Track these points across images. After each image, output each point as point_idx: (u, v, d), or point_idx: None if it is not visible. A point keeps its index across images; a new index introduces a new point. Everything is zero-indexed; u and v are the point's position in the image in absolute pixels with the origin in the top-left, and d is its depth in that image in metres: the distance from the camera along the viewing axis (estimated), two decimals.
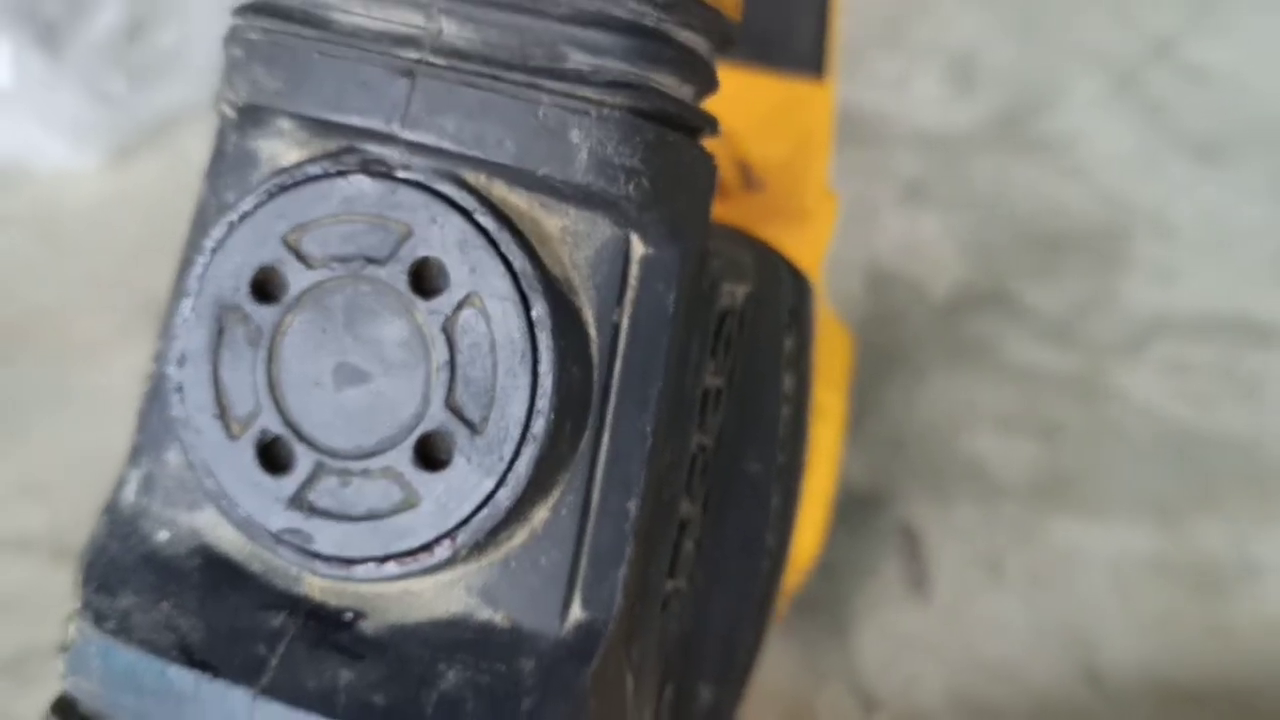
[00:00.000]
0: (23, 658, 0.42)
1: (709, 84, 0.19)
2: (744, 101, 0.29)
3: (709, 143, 0.19)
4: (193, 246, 0.19)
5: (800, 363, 0.24)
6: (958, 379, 0.50)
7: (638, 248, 0.18)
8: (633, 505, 0.18)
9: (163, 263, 0.53)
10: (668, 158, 0.17)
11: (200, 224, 0.19)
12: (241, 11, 0.19)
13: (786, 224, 0.32)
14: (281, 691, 0.17)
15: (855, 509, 0.45)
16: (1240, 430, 0.48)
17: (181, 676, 0.17)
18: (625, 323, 0.18)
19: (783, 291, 0.24)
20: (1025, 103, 0.61)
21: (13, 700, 0.41)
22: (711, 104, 0.20)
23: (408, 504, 0.17)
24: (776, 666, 0.41)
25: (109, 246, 0.55)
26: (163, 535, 0.18)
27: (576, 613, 0.18)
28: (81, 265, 0.54)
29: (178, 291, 0.19)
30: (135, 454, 0.19)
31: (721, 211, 0.21)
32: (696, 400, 0.20)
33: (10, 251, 0.54)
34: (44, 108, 0.54)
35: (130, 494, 0.19)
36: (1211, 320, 0.52)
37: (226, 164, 0.19)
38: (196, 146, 0.57)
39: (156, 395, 0.19)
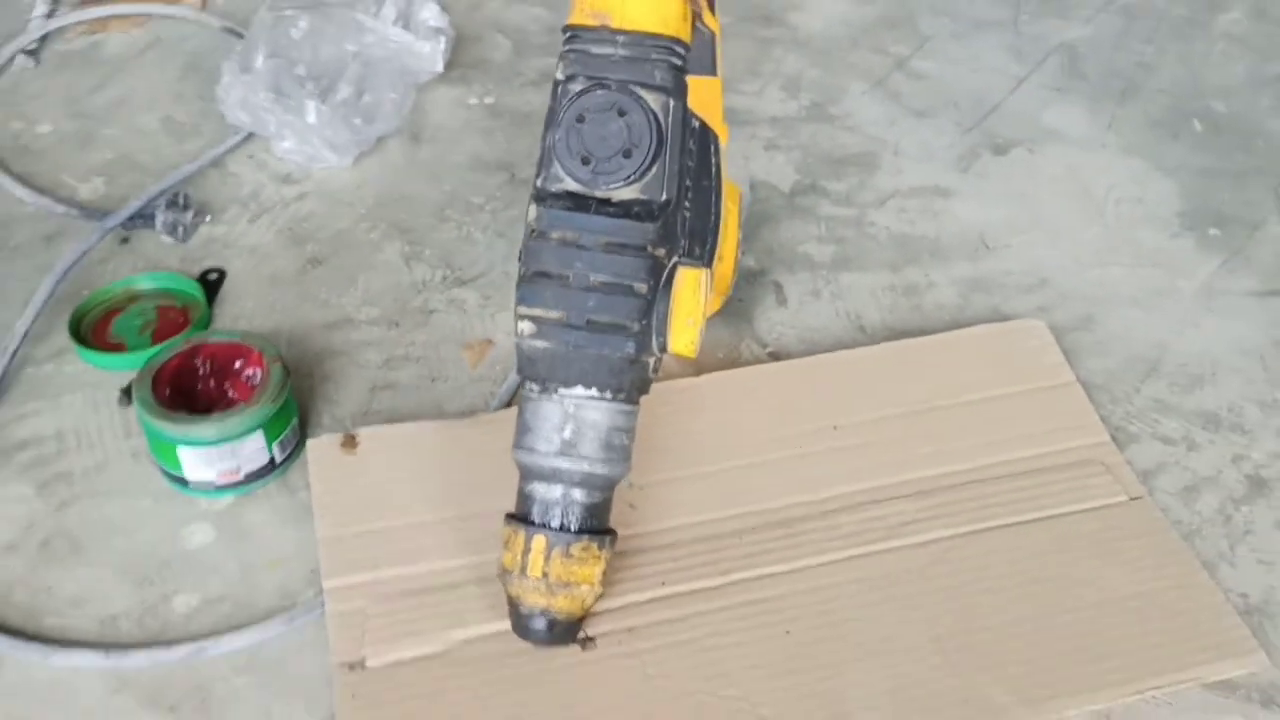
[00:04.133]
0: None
1: (688, 67, 0.70)
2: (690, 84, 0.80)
3: None
4: (552, 115, 0.70)
5: (717, 156, 0.77)
6: (796, 224, 1.02)
7: (671, 101, 0.68)
8: (677, 165, 0.69)
9: (390, 209, 1.07)
10: (678, 78, 0.69)
11: (552, 110, 0.69)
12: (564, 46, 0.69)
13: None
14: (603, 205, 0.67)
15: (752, 276, 0.97)
16: (930, 234, 1.01)
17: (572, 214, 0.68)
18: (670, 121, 0.68)
19: (710, 134, 0.76)
20: (825, 99, 1.15)
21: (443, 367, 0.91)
22: None
23: (620, 168, 0.68)
24: (719, 335, 0.93)
25: (359, 203, 1.05)
26: (554, 187, 0.68)
27: (664, 196, 0.68)
28: (350, 212, 1.04)
29: (550, 125, 0.70)
30: (537, 174, 0.69)
31: None
32: (688, 148, 0.71)
33: (314, 208, 1.04)
34: (323, 134, 1.05)
35: (540, 183, 0.69)
36: (920, 189, 1.05)
37: (558, 93, 0.70)
38: (394, 151, 1.12)
39: (542, 159, 0.69)
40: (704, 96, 0.83)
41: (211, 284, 0.96)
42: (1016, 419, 0.84)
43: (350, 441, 0.81)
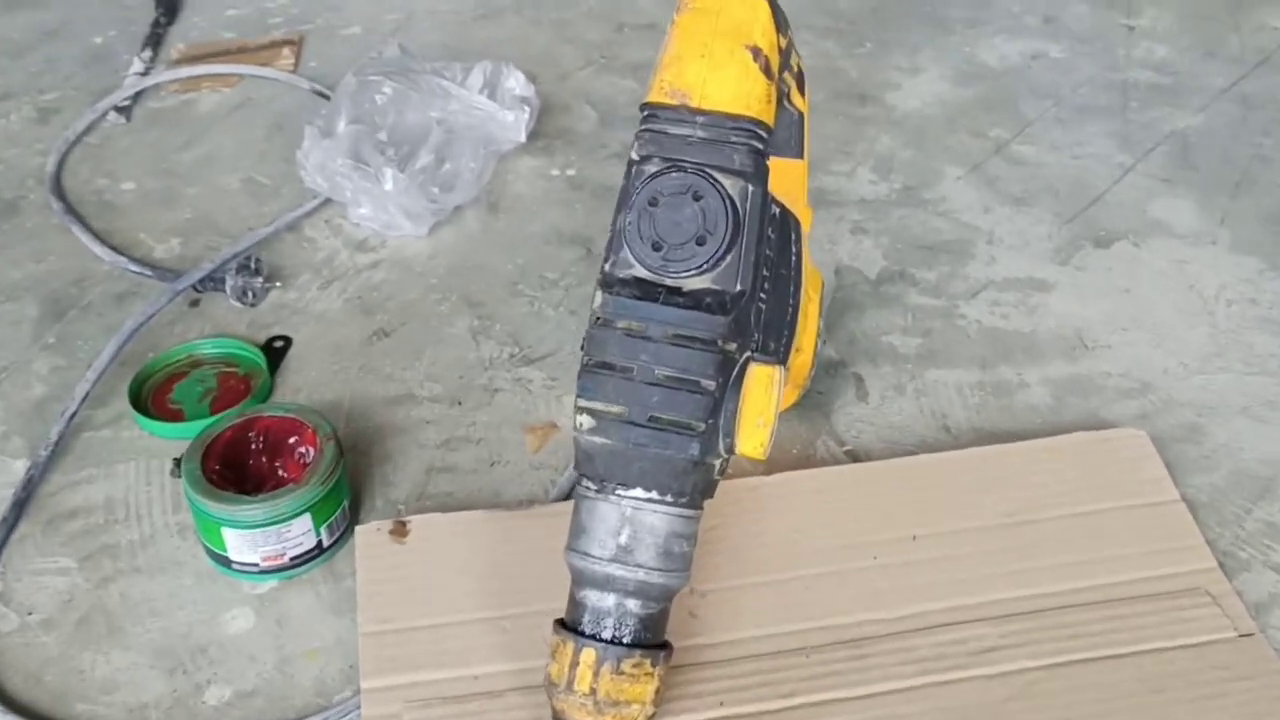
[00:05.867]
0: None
1: (769, 149, 0.66)
2: (773, 166, 0.76)
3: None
4: (624, 197, 0.66)
5: (797, 243, 0.72)
6: (881, 313, 0.97)
7: (750, 187, 0.64)
8: (753, 255, 0.65)
9: (462, 280, 1.04)
10: (759, 162, 0.65)
11: (625, 191, 0.66)
12: (641, 125, 0.66)
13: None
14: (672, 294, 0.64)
15: (832, 367, 0.92)
16: (1024, 330, 0.95)
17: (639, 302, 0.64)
18: (748, 207, 0.64)
19: (791, 219, 0.72)
20: (918, 182, 1.10)
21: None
22: None
23: (693, 256, 0.64)
24: (795, 430, 0.88)
25: (433, 274, 1.03)
26: (622, 272, 0.65)
27: (739, 287, 0.64)
28: (421, 282, 1.02)
29: (621, 207, 0.66)
30: (605, 258, 0.66)
31: None
32: (766, 236, 0.67)
33: (386, 277, 1.02)
34: (400, 203, 1.03)
35: (608, 268, 0.65)
36: (1015, 281, 1.00)
37: (632, 173, 0.66)
38: (471, 221, 1.09)
39: (611, 242, 0.66)
40: (788, 179, 0.79)
41: (276, 351, 0.94)
42: (1113, 538, 0.78)
43: (400, 529, 0.77)
